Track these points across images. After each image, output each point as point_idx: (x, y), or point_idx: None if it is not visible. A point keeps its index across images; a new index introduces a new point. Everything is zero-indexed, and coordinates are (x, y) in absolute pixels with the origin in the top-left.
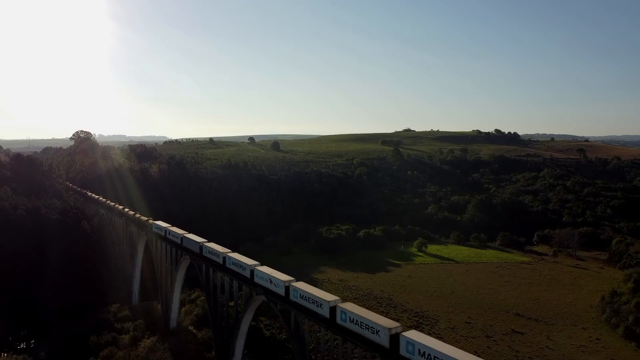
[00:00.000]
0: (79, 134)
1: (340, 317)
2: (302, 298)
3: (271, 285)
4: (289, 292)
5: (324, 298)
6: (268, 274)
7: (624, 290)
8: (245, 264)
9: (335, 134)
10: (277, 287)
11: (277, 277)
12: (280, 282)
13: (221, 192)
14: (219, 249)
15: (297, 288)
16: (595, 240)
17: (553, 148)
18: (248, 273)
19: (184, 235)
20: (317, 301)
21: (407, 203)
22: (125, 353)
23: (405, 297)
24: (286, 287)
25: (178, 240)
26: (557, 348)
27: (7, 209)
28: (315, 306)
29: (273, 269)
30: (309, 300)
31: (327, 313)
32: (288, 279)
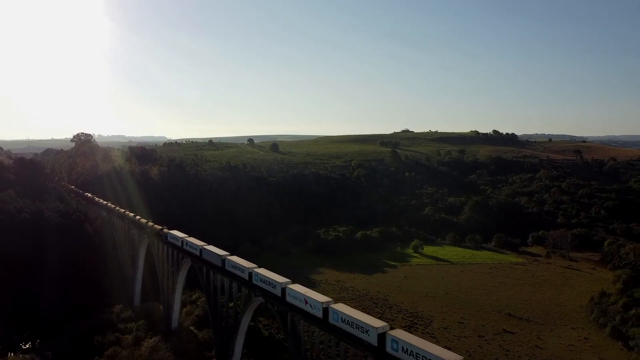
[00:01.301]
0: (79, 136)
1: (333, 317)
2: (297, 299)
3: (269, 287)
4: (285, 293)
5: (317, 299)
6: (266, 276)
7: (613, 291)
8: (244, 267)
9: (334, 135)
10: (275, 288)
11: (275, 279)
12: (278, 284)
13: (220, 194)
14: (218, 252)
15: (293, 290)
16: (588, 242)
17: (550, 149)
18: (247, 275)
19: (185, 239)
20: (310, 302)
21: (405, 204)
22: (129, 352)
23: (401, 297)
24: (282, 289)
25: (179, 244)
26: (546, 347)
27: (12, 212)
28: (310, 307)
29: (271, 270)
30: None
31: (320, 313)
32: (285, 281)
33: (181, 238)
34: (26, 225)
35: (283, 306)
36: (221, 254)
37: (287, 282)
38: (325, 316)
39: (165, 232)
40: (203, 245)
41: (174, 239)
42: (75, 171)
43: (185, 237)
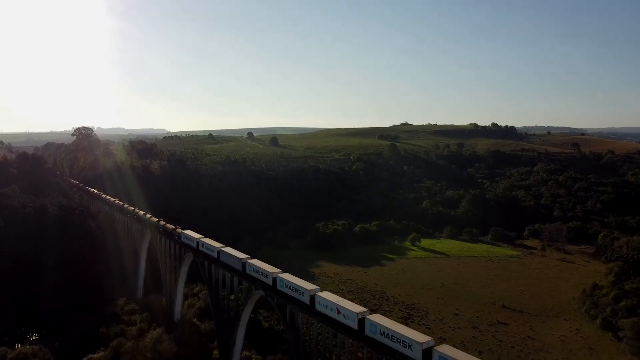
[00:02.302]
0: (80, 131)
1: (370, 330)
2: (328, 308)
3: (295, 294)
4: (314, 301)
5: (352, 309)
6: (292, 282)
7: (605, 284)
8: (268, 271)
9: (334, 128)
10: (303, 296)
11: (302, 286)
12: (306, 291)
13: (220, 189)
14: (237, 255)
15: (323, 298)
16: (583, 235)
17: (549, 142)
18: (270, 281)
19: (200, 240)
20: (344, 312)
21: (403, 198)
22: (133, 344)
23: (398, 290)
24: (311, 296)
25: (194, 245)
26: (538, 338)
27: (16, 207)
28: (343, 317)
29: (268, 263)
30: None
31: (355, 324)
32: (313, 288)
33: (196, 239)
34: (30, 220)
35: (312, 316)
36: (241, 257)
37: (316, 289)
38: (361, 328)
39: (179, 232)
40: (221, 247)
41: (189, 240)
42: (76, 166)
43: (200, 237)
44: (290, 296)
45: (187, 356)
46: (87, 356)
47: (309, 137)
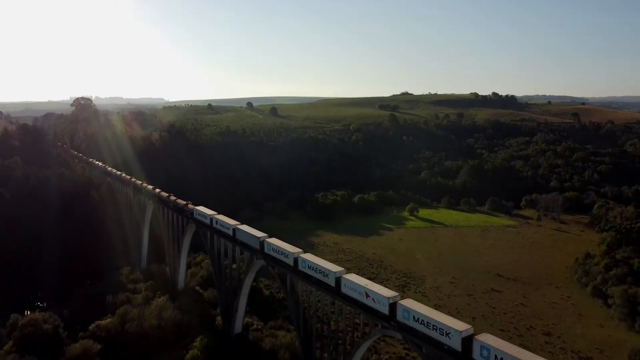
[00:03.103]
0: (79, 101)
1: (402, 315)
2: (355, 292)
3: (320, 275)
4: (340, 284)
5: (383, 293)
6: (316, 263)
7: (597, 253)
8: (289, 251)
9: (334, 97)
10: (327, 277)
11: (326, 267)
12: (331, 273)
13: (221, 160)
14: (255, 233)
15: (350, 281)
16: (579, 205)
17: (549, 112)
18: (292, 261)
19: (214, 217)
20: (373, 296)
21: (402, 168)
22: (139, 311)
23: (395, 259)
24: (337, 278)
25: (207, 221)
26: (530, 305)
27: (20, 179)
28: (372, 301)
29: (253, 228)
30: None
31: (385, 309)
32: (262, 235)
33: (210, 215)
34: (34, 192)
35: (338, 298)
36: (259, 235)
37: (342, 271)
38: (392, 313)
39: (191, 208)
40: (237, 225)
41: (202, 216)
42: (77, 137)
43: (214, 214)
44: (313, 278)
45: (191, 323)
46: (95, 322)
47: (309, 107)
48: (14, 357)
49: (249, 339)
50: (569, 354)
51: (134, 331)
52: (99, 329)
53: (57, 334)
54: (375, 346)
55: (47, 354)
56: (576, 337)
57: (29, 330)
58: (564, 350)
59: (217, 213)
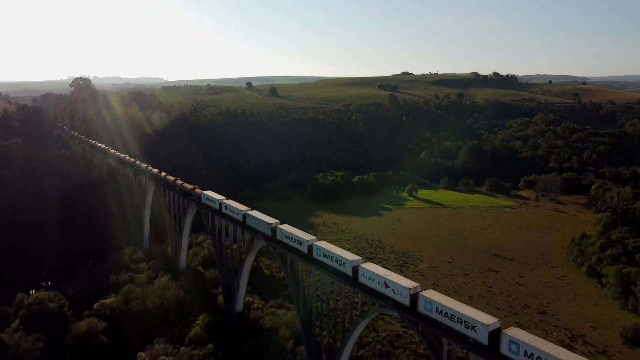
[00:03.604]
0: (77, 81)
1: (425, 307)
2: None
3: (336, 264)
4: (311, 250)
5: (403, 284)
6: (330, 250)
7: (593, 233)
8: (302, 238)
9: (334, 77)
10: (344, 266)
11: (342, 255)
12: (348, 262)
13: (221, 141)
14: (266, 219)
15: (369, 270)
16: (577, 185)
17: (549, 92)
18: (305, 248)
19: (223, 201)
20: (393, 287)
21: (401, 149)
22: (143, 290)
23: (394, 239)
24: (354, 267)
25: (216, 206)
26: (526, 284)
27: (21, 160)
28: (392, 292)
29: (267, 214)
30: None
31: (407, 301)
32: (274, 222)
33: (219, 200)
34: (35, 173)
35: (354, 287)
36: (271, 222)
37: (359, 260)
38: (413, 304)
39: (199, 193)
40: (246, 210)
41: (210, 201)
42: (77, 118)
43: (223, 199)
44: (330, 266)
45: (193, 301)
46: (99, 301)
47: (309, 87)
48: (22, 334)
49: (250, 317)
50: (562, 331)
51: (137, 310)
52: (103, 307)
53: (62, 312)
54: (374, 324)
55: (53, 332)
56: (570, 315)
57: (35, 308)
58: (557, 328)
59: (225, 198)
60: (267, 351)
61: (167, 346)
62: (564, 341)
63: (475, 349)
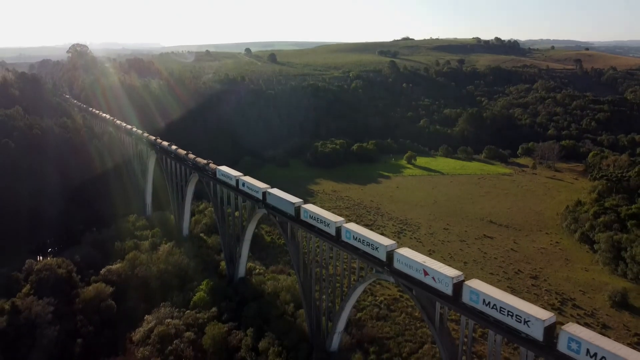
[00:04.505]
0: (75, 48)
1: (470, 298)
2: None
3: (367, 247)
4: (340, 232)
5: (446, 273)
6: (364, 235)
7: (587, 200)
8: (330, 220)
9: (333, 43)
10: (377, 251)
11: (378, 240)
12: (382, 247)
13: (220, 108)
14: (290, 199)
15: (405, 256)
16: (575, 153)
17: (551, 57)
18: (333, 231)
19: (240, 178)
20: (434, 274)
21: (401, 116)
22: (147, 256)
23: (392, 206)
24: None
25: (232, 183)
26: (519, 250)
27: (23, 129)
28: (432, 280)
29: (260, 181)
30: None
31: (449, 290)
32: (298, 201)
33: (236, 177)
34: (38, 141)
35: (392, 275)
36: (294, 201)
37: (393, 244)
38: (456, 294)
39: (213, 168)
40: (266, 188)
41: (226, 177)
42: (76, 86)
43: (240, 175)
44: (359, 249)
45: (197, 267)
46: (106, 267)
47: (308, 53)
48: (33, 299)
49: (252, 282)
50: (553, 295)
51: (143, 275)
52: (109, 273)
53: (71, 277)
54: (371, 289)
55: (62, 296)
56: (561, 280)
57: (45, 274)
58: (548, 292)
59: (242, 174)
60: (269, 314)
61: (172, 310)
62: (554, 305)
63: (528, 345)
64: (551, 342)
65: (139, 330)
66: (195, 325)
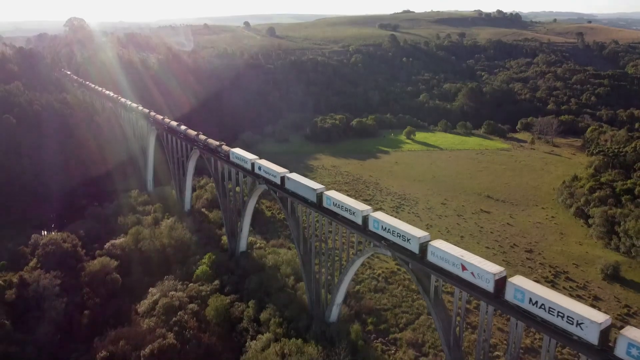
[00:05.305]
0: (72, 22)
1: (515, 296)
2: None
3: (346, 212)
4: (367, 222)
5: (487, 269)
6: (342, 201)
7: (584, 176)
8: (357, 209)
9: (333, 16)
10: (355, 216)
11: (353, 205)
12: (358, 212)
13: (219, 83)
14: (312, 185)
15: (438, 249)
16: (574, 128)
17: (553, 31)
18: (360, 220)
19: (256, 161)
20: (474, 270)
21: (400, 91)
22: (151, 231)
23: (391, 181)
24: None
25: (248, 166)
26: (516, 224)
27: (24, 105)
28: (471, 275)
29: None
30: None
31: (491, 287)
32: (365, 208)
33: (251, 160)
34: (38, 117)
35: (424, 267)
36: (316, 187)
37: (426, 236)
38: (498, 291)
39: (227, 150)
40: (285, 172)
41: (241, 160)
42: (74, 61)
43: (255, 159)
44: (388, 240)
45: (199, 241)
46: (110, 241)
47: (307, 26)
48: (40, 272)
49: (253, 256)
50: (547, 268)
51: (146, 249)
52: (114, 247)
53: (76, 251)
54: (370, 262)
55: (68, 270)
56: (555, 253)
57: (51, 248)
58: (542, 265)
59: (258, 157)
60: (270, 287)
61: (176, 282)
62: (548, 277)
63: (580, 348)
64: (607, 346)
65: (144, 302)
66: (199, 298)
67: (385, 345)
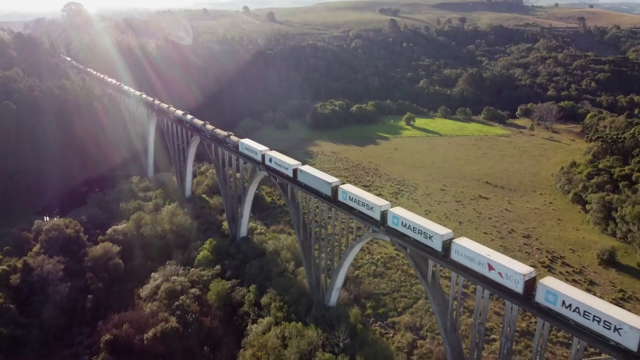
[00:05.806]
0: (70, 6)
1: (546, 299)
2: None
3: (362, 206)
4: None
5: (516, 269)
6: (357, 194)
7: (582, 162)
8: (374, 203)
9: (332, 0)
10: (372, 211)
11: (370, 199)
12: (376, 206)
13: (218, 69)
14: (326, 178)
15: (462, 246)
16: (574, 114)
17: (555, 15)
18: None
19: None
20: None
21: (400, 77)
22: (152, 216)
23: (390, 167)
24: (444, 242)
25: (258, 158)
26: (514, 210)
27: (24, 91)
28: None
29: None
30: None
31: (520, 288)
32: (335, 181)
33: (261, 152)
34: (38, 103)
35: (447, 265)
36: (331, 181)
37: (449, 233)
38: (528, 293)
39: (235, 141)
40: (297, 165)
41: (251, 151)
42: (73, 46)
43: (266, 150)
44: (409, 237)
45: (200, 227)
46: (112, 227)
47: (307, 11)
48: (43, 257)
49: (254, 241)
50: (543, 253)
51: (148, 234)
52: (116, 232)
53: (79, 237)
54: (369, 247)
55: (71, 255)
56: (552, 239)
57: (54, 234)
58: (539, 250)
59: (268, 149)
60: (270, 271)
61: (177, 267)
62: (544, 262)
63: (618, 354)
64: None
65: (146, 287)
66: (200, 282)
67: (384, 328)
